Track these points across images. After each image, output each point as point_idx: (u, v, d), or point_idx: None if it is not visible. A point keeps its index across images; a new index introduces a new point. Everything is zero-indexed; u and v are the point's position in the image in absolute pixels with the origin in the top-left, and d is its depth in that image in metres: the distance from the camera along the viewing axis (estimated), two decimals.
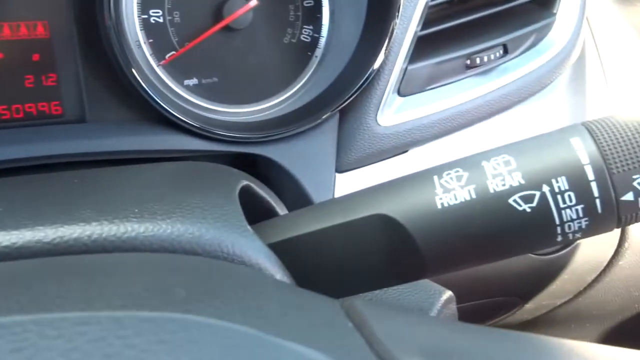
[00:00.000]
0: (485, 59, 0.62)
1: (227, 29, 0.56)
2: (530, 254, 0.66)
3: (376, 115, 0.57)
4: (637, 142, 0.29)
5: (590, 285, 0.75)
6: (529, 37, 0.64)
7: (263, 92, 0.59)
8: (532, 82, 0.64)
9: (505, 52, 0.63)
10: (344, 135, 0.58)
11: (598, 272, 0.73)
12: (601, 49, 0.71)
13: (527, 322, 0.87)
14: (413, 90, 0.60)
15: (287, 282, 0.28)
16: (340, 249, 0.31)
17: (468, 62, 0.61)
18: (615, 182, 0.28)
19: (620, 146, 0.29)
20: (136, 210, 0.28)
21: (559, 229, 0.29)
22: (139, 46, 0.54)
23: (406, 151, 0.61)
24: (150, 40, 0.55)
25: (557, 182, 0.29)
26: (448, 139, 0.62)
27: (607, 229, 0.30)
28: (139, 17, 0.54)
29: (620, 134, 0.29)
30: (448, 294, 0.39)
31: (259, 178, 0.60)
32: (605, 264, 0.72)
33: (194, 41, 0.55)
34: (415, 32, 0.57)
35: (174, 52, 0.55)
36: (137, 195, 0.30)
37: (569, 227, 0.29)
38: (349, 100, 0.56)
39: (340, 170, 0.58)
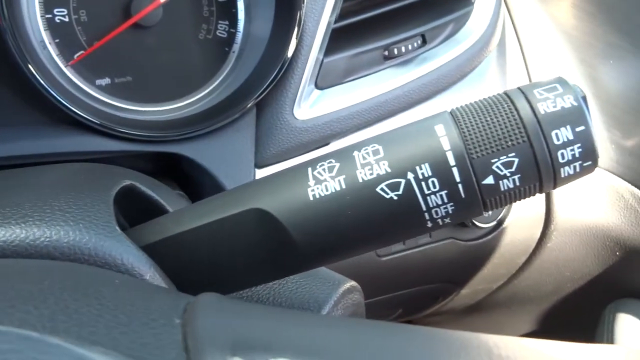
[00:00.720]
0: (404, 49, 0.62)
1: (138, 26, 0.55)
2: (455, 240, 0.67)
3: (292, 108, 0.57)
4: (495, 126, 0.29)
5: (522, 268, 0.77)
6: (447, 26, 0.65)
7: (180, 89, 0.59)
8: (452, 71, 0.65)
9: (424, 42, 0.64)
10: (261, 130, 0.57)
11: (528, 255, 0.75)
12: (522, 38, 0.73)
13: (469, 307, 0.89)
14: (331, 83, 0.60)
15: (140, 281, 0.28)
16: (217, 246, 0.31)
17: (386, 53, 0.62)
18: (475, 167, 0.29)
19: (480, 131, 0.29)
20: None
21: (427, 215, 0.30)
22: (44, 47, 0.53)
23: (328, 144, 0.61)
24: (57, 40, 0.54)
25: (421, 169, 0.29)
26: (371, 131, 0.63)
27: (474, 213, 0.30)
28: (42, 16, 0.53)
29: (481, 119, 0.29)
30: (349, 284, 0.39)
31: (183, 178, 0.60)
32: (533, 246, 0.74)
33: (102, 40, 0.54)
34: (329, 23, 0.57)
35: (82, 52, 0.54)
36: None
37: (436, 212, 0.29)
38: (264, 93, 0.55)
39: (259, 165, 0.57)
